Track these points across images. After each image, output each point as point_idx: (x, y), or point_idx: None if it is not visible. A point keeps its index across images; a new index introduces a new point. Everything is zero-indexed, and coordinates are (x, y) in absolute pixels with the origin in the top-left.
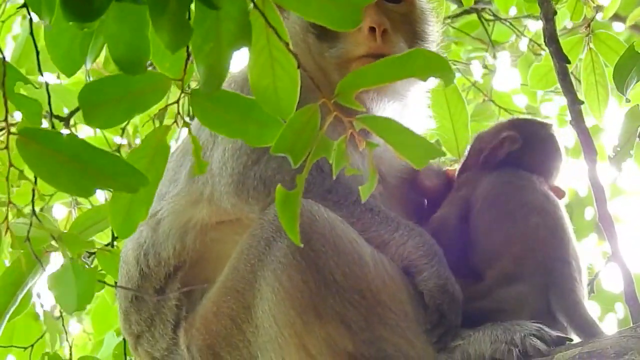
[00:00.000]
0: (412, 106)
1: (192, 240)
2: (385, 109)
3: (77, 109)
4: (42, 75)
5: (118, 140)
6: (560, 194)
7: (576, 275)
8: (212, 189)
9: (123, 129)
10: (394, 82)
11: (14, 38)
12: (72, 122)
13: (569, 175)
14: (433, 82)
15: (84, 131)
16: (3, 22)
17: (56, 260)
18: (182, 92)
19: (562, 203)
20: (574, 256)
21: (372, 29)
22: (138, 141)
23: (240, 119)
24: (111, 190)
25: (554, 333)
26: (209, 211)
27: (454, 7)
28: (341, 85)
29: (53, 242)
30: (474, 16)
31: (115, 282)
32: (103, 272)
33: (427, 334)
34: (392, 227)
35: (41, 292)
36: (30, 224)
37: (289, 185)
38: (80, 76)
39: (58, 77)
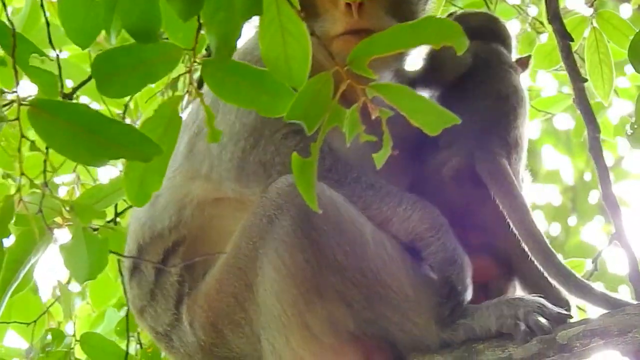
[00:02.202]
0: None
1: (189, 215)
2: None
3: (81, 84)
4: (54, 48)
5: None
6: (524, 62)
7: (510, 149)
8: (210, 169)
9: (126, 105)
10: (406, 49)
11: (16, 12)
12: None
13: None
14: None
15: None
16: None
17: (60, 237)
18: (194, 61)
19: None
20: (515, 136)
21: (348, 5)
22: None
23: (253, 88)
24: (115, 159)
25: (555, 310)
26: (206, 188)
27: None
28: (354, 53)
29: (57, 219)
30: None
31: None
32: None
33: (438, 308)
34: (394, 202)
35: (52, 267)
36: (43, 195)
37: (288, 167)
38: (85, 51)
39: (59, 52)
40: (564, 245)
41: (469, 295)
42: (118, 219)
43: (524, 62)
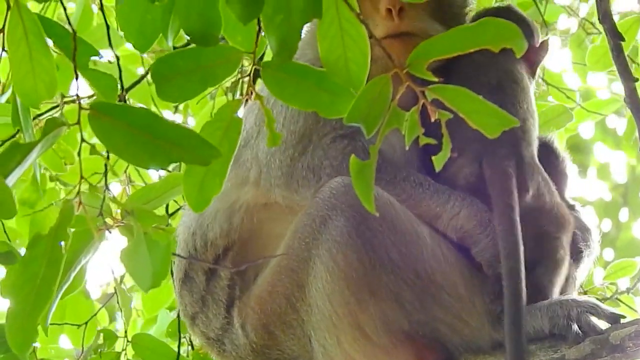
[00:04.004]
0: None
1: (239, 221)
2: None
3: (132, 85)
4: (113, 50)
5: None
6: (543, 47)
7: (516, 142)
8: (258, 176)
9: (176, 107)
10: (465, 51)
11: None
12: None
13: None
14: None
15: None
16: None
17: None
18: (254, 64)
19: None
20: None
21: (389, 10)
22: (190, 119)
23: (312, 90)
24: (174, 162)
25: (608, 310)
26: (255, 194)
27: None
28: (413, 55)
29: (108, 220)
30: None
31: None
32: None
33: (489, 305)
34: (443, 199)
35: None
36: (103, 199)
37: (337, 169)
38: (133, 52)
39: (115, 55)
40: (615, 241)
41: None
42: (169, 221)
43: (542, 46)
